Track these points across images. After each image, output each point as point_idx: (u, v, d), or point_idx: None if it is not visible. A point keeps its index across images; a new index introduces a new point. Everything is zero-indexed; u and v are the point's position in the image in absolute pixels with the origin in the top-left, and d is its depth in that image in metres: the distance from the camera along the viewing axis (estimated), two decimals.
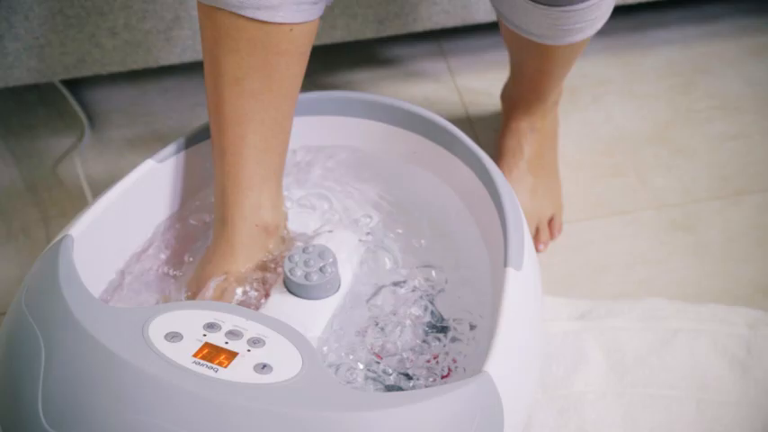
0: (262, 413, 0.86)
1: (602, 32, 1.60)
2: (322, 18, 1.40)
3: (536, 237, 1.35)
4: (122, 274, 1.09)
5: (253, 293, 1.09)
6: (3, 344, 0.96)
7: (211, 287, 1.07)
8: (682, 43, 1.60)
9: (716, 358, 1.20)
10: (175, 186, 1.14)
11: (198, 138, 1.14)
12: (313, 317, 1.05)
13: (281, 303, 1.05)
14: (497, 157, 1.38)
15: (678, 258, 1.34)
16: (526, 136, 1.37)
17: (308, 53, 1.09)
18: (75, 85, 1.51)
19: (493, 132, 1.46)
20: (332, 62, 1.56)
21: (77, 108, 1.49)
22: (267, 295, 1.07)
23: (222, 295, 1.08)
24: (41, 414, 0.89)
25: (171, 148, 1.13)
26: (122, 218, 1.08)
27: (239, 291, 1.08)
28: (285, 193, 1.14)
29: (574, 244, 1.36)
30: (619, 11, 1.59)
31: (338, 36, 1.43)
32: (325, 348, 1.03)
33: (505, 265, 1.02)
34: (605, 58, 1.58)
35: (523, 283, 1.02)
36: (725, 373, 1.19)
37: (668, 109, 1.53)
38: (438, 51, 1.59)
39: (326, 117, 1.19)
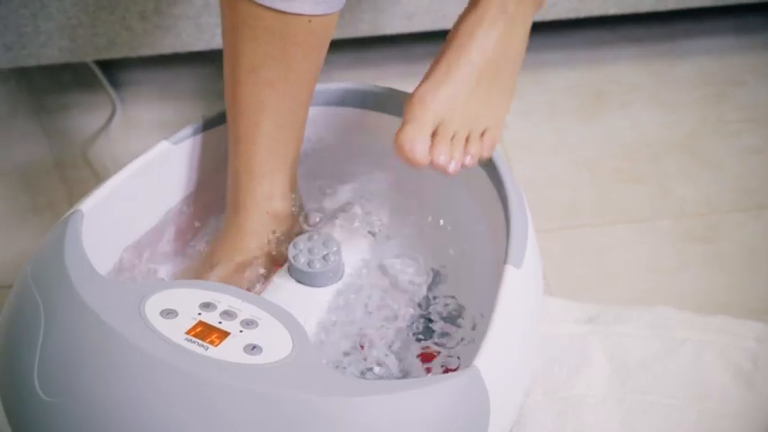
0: (245, 392, 0.87)
1: (634, 40, 1.60)
2: (349, 11, 1.41)
3: (465, 146, 1.05)
4: (130, 251, 1.11)
5: (257, 278, 1.10)
6: (8, 312, 0.98)
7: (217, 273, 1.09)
8: (715, 54, 1.59)
9: (720, 370, 1.19)
10: (189, 169, 1.16)
11: (214, 122, 1.15)
12: (313, 303, 1.06)
13: (282, 289, 1.07)
14: (447, 41, 1.08)
15: (693, 269, 1.33)
16: (493, 20, 1.06)
17: (327, 45, 1.09)
18: (108, 66, 1.54)
19: None
20: (360, 56, 1.57)
21: (110, 89, 1.51)
22: (270, 280, 1.08)
23: (228, 279, 1.09)
24: (36, 382, 0.91)
25: (187, 130, 1.14)
26: (134, 196, 1.10)
27: (245, 275, 1.10)
28: (299, 181, 1.16)
29: (589, 248, 1.36)
30: (652, 19, 1.59)
31: (365, 30, 1.44)
32: (321, 335, 1.04)
33: (505, 262, 1.02)
34: (636, 66, 1.57)
35: (522, 282, 1.02)
36: (728, 386, 1.18)
37: (696, 119, 1.51)
38: None
39: (343, 108, 1.20)
